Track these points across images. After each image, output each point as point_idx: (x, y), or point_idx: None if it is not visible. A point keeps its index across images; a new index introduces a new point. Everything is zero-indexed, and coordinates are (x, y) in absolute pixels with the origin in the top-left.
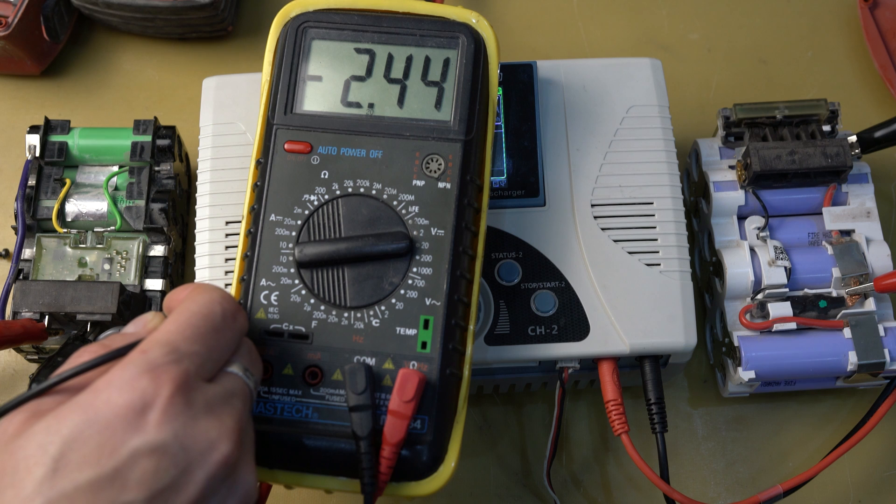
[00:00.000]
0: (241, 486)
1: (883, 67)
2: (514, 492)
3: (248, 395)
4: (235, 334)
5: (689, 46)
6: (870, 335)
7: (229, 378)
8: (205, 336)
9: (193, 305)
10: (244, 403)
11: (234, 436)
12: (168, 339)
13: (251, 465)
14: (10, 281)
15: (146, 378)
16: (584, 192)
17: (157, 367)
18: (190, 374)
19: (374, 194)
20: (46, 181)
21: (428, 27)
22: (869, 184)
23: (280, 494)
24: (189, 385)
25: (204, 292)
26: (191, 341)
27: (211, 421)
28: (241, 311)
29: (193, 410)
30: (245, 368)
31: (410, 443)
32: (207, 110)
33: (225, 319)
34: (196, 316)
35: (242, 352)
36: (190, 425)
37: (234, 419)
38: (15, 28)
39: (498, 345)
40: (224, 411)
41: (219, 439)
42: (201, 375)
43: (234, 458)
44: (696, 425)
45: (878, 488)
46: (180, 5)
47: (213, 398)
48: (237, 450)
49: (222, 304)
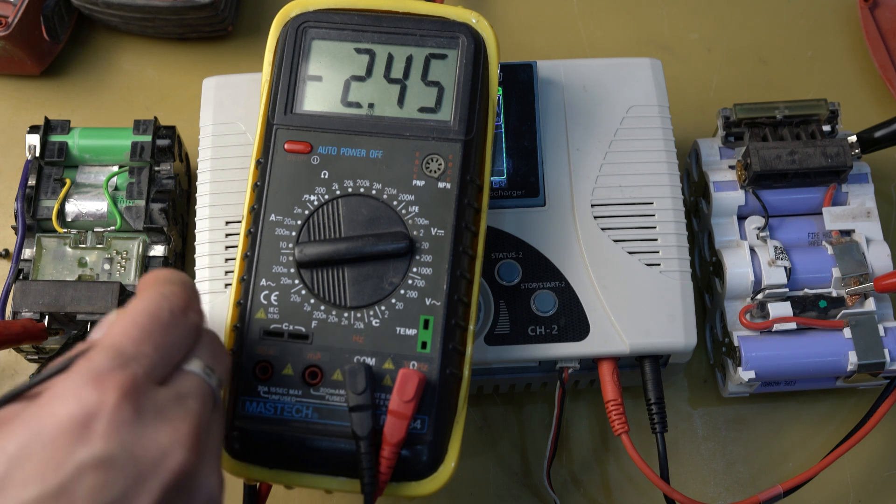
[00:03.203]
0: (202, 492)
1: (883, 67)
2: (514, 492)
3: (208, 394)
4: (187, 331)
5: (689, 46)
6: (870, 335)
7: (185, 378)
8: (151, 336)
9: (140, 303)
10: (203, 403)
11: (189, 440)
12: (113, 342)
13: (213, 469)
14: (10, 281)
15: (90, 387)
16: (584, 192)
17: (102, 375)
18: (137, 379)
19: (374, 194)
20: (46, 181)
21: (428, 27)
22: (869, 184)
23: (280, 494)
24: (137, 390)
25: (151, 286)
26: (137, 343)
27: (162, 427)
28: (194, 305)
29: (143, 418)
30: (205, 365)
31: (410, 443)
32: (207, 110)
33: (173, 315)
34: (142, 314)
35: (202, 346)
36: (139, 434)
37: (190, 423)
38: (15, 28)
39: (498, 345)
40: (177, 415)
41: (172, 447)
42: (152, 378)
43: (189, 464)
44: (696, 425)
45: (878, 488)
46: (180, 5)
47: (165, 402)
48: (193, 456)
49: (170, 298)
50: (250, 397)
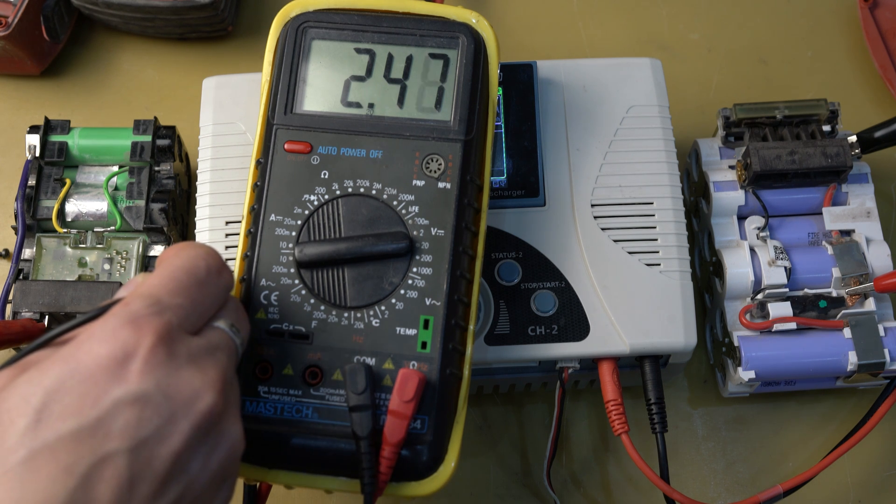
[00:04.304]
0: (227, 437)
1: (883, 67)
2: (514, 492)
3: (234, 350)
4: (220, 290)
5: (689, 46)
6: (870, 335)
7: (214, 332)
8: (188, 289)
9: (177, 260)
10: (229, 357)
11: (217, 386)
12: (151, 292)
13: (237, 418)
14: (10, 281)
15: (128, 329)
16: (584, 192)
17: (139, 319)
18: (172, 326)
19: (374, 194)
20: (46, 181)
21: (428, 27)
22: (869, 184)
23: (280, 494)
24: (171, 336)
25: (189, 248)
26: (173, 294)
27: (194, 372)
28: (227, 268)
29: (176, 361)
30: (231, 324)
31: (410, 443)
32: (207, 110)
33: (209, 274)
34: (179, 270)
35: (229, 308)
36: (173, 375)
37: (218, 371)
38: (15, 28)
39: (498, 345)
40: (208, 363)
41: (202, 390)
42: (184, 328)
43: (218, 408)
44: (696, 425)
45: (878, 488)
46: (180, 5)
47: (197, 350)
48: (221, 401)
49: (206, 259)
50: (250, 397)
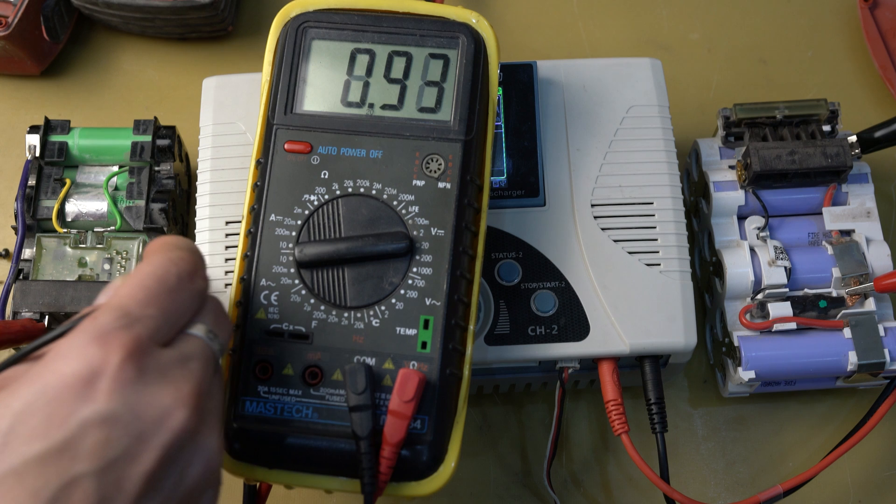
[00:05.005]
0: (203, 451)
1: (883, 67)
2: (514, 492)
3: (211, 358)
4: (193, 295)
5: (689, 46)
6: (870, 335)
7: (188, 341)
8: (158, 298)
9: (147, 267)
10: (205, 366)
11: (191, 401)
12: (119, 303)
13: (213, 430)
14: (10, 281)
15: (95, 345)
16: (584, 192)
17: (107, 334)
18: (142, 340)
19: (374, 194)
20: (46, 181)
21: (428, 27)
22: (869, 184)
23: (280, 494)
24: (141, 351)
25: (161, 251)
26: (143, 305)
27: (165, 387)
28: (201, 271)
29: (146, 378)
30: (208, 330)
31: (410, 443)
32: (207, 110)
33: (180, 280)
34: (149, 278)
35: (206, 312)
36: (142, 392)
37: (192, 384)
38: (15, 28)
39: (498, 345)
40: (180, 377)
41: (174, 406)
42: (156, 340)
43: (191, 425)
44: (696, 425)
45: (878, 488)
46: (180, 5)
47: (168, 363)
48: (194, 416)
49: (178, 264)
50: (250, 397)
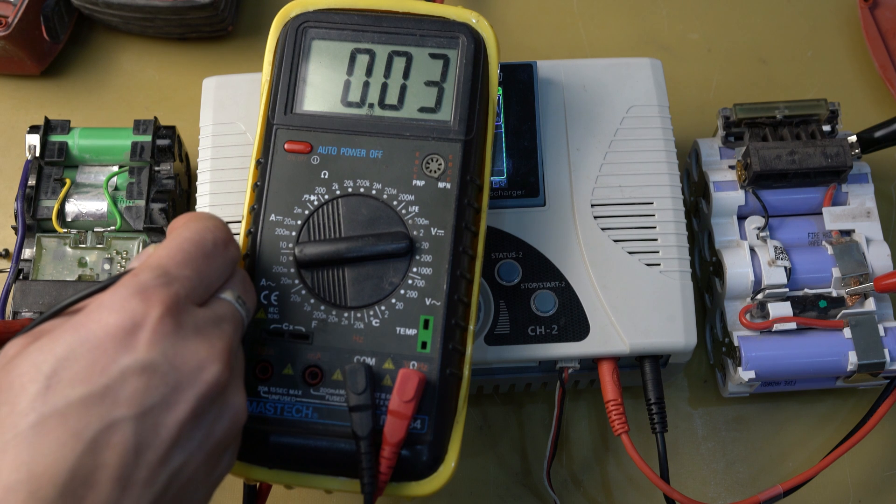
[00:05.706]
0: (231, 407)
1: (883, 67)
2: (514, 492)
3: (240, 322)
4: (227, 262)
5: (689, 46)
6: (870, 335)
7: (220, 304)
8: (195, 261)
9: (186, 232)
10: (235, 329)
11: (223, 357)
12: (159, 263)
13: (241, 390)
14: (10, 281)
15: (136, 299)
16: (584, 192)
17: (148, 290)
18: (180, 297)
19: (374, 194)
20: (46, 181)
21: (428, 27)
22: (869, 184)
23: (280, 494)
24: (179, 307)
25: (197, 220)
26: (181, 266)
27: (200, 343)
28: (234, 241)
29: (183, 332)
30: (238, 296)
31: (410, 443)
32: (207, 110)
33: (216, 246)
34: (187, 242)
35: (236, 280)
36: (179, 345)
37: (224, 342)
38: (15, 28)
39: (498, 345)
40: (214, 334)
41: (208, 360)
42: (192, 299)
43: (223, 379)
44: (696, 425)
45: (878, 488)
46: (180, 5)
47: (203, 321)
48: (226, 372)
49: (214, 231)
50: (250, 397)
